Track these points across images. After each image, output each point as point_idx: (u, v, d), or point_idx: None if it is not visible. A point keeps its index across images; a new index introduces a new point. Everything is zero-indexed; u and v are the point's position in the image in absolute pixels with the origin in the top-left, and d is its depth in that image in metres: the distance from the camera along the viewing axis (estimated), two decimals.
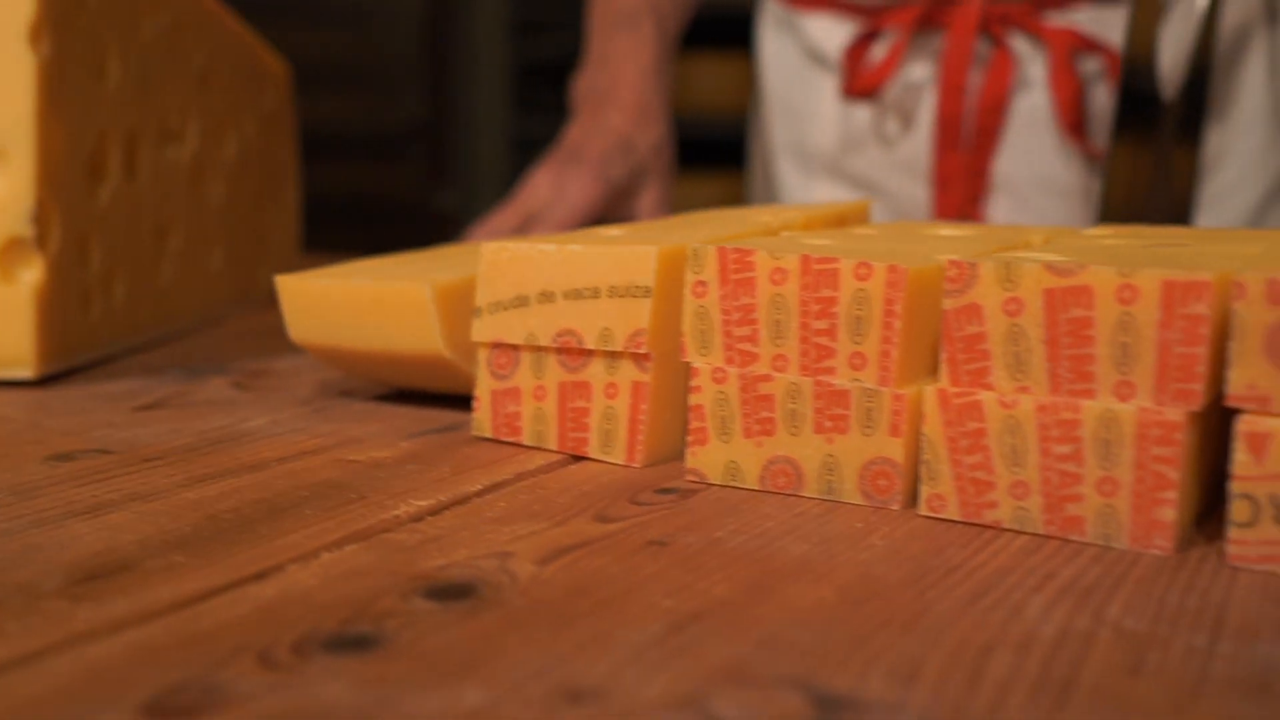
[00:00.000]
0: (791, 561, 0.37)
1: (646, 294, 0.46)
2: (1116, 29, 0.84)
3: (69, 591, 0.34)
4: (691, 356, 0.45)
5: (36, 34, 0.57)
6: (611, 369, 0.48)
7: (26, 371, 0.58)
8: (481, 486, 0.45)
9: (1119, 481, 0.39)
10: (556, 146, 0.89)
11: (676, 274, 0.47)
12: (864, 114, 0.91)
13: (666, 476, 0.46)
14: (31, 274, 0.58)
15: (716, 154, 2.10)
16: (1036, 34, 0.85)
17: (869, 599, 0.34)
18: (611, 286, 0.47)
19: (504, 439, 0.50)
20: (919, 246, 0.48)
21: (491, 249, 0.50)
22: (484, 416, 0.51)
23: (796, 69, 0.95)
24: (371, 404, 0.57)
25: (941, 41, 0.87)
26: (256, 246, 0.85)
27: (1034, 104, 0.86)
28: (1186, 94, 0.75)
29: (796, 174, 0.96)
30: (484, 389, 0.50)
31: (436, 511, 0.42)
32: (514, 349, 0.50)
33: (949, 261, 0.41)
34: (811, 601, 0.34)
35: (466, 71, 2.55)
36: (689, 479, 0.46)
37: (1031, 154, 0.87)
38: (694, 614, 0.33)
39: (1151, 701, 0.29)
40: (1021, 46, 0.86)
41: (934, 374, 0.44)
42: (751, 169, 1.04)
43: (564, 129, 0.90)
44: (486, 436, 0.51)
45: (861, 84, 0.88)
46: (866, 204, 0.61)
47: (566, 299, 0.48)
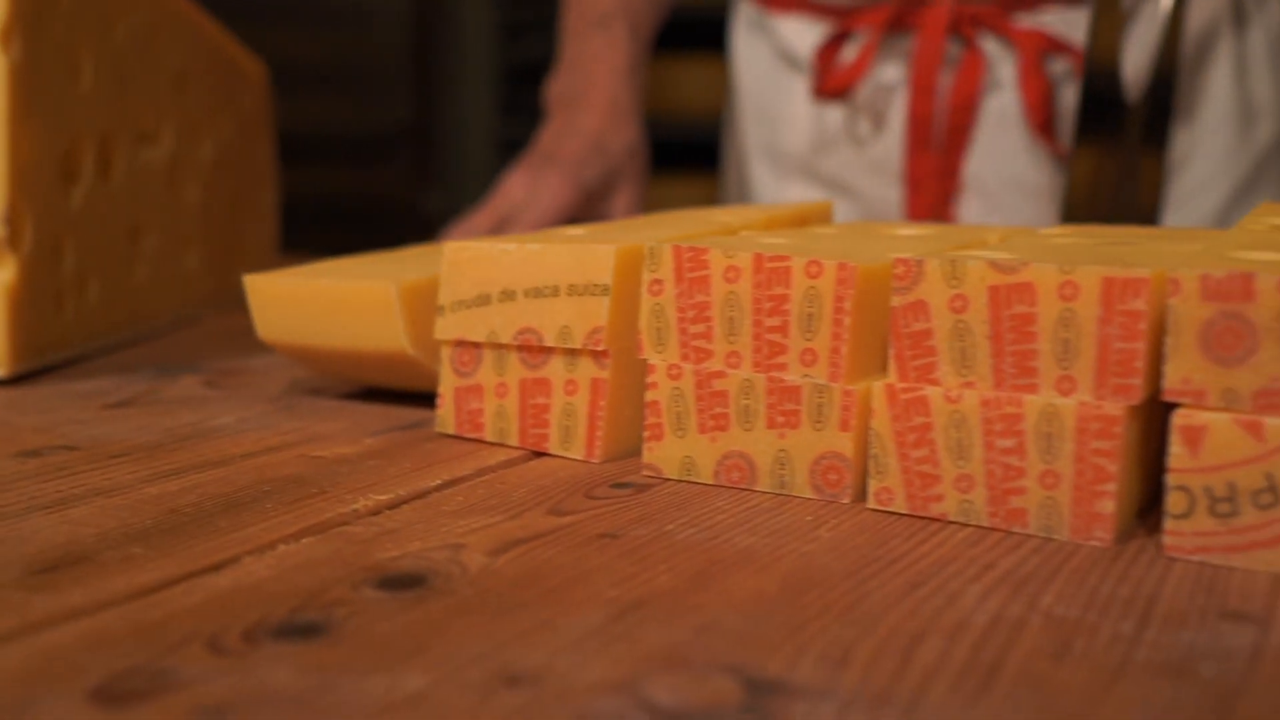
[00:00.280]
0: (737, 553, 0.38)
1: (605, 292, 0.47)
2: (1085, 30, 0.84)
3: (26, 582, 0.35)
4: (648, 353, 0.46)
5: (7, 36, 0.58)
6: (571, 366, 0.48)
7: None
8: (441, 481, 0.45)
9: (1060, 474, 0.40)
10: (531, 148, 0.90)
11: (634, 273, 0.48)
12: (836, 115, 0.92)
13: (624, 471, 0.47)
14: (4, 274, 0.59)
15: (701, 156, 2.11)
16: (1006, 35, 0.86)
17: (809, 588, 0.35)
18: (570, 285, 0.48)
19: (467, 435, 0.51)
20: (874, 246, 0.49)
21: (454, 248, 0.51)
22: (447, 413, 0.51)
23: (769, 70, 0.96)
24: (339, 401, 0.58)
25: (912, 43, 0.88)
26: (234, 248, 0.85)
27: (1004, 104, 0.87)
28: (1152, 96, 0.76)
29: (769, 175, 0.96)
30: (447, 386, 0.51)
31: (395, 505, 0.43)
32: (476, 347, 0.50)
33: (896, 259, 0.42)
34: (753, 591, 0.35)
35: (454, 74, 2.56)
36: (645, 474, 0.47)
37: (1002, 154, 0.88)
38: (636, 603, 0.34)
39: (1072, 685, 0.30)
40: (991, 47, 0.87)
41: (884, 370, 0.44)
42: (726, 170, 1.05)
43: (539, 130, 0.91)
44: (450, 433, 0.51)
45: (832, 85, 0.89)
46: (829, 204, 0.62)
47: (527, 297, 0.49)
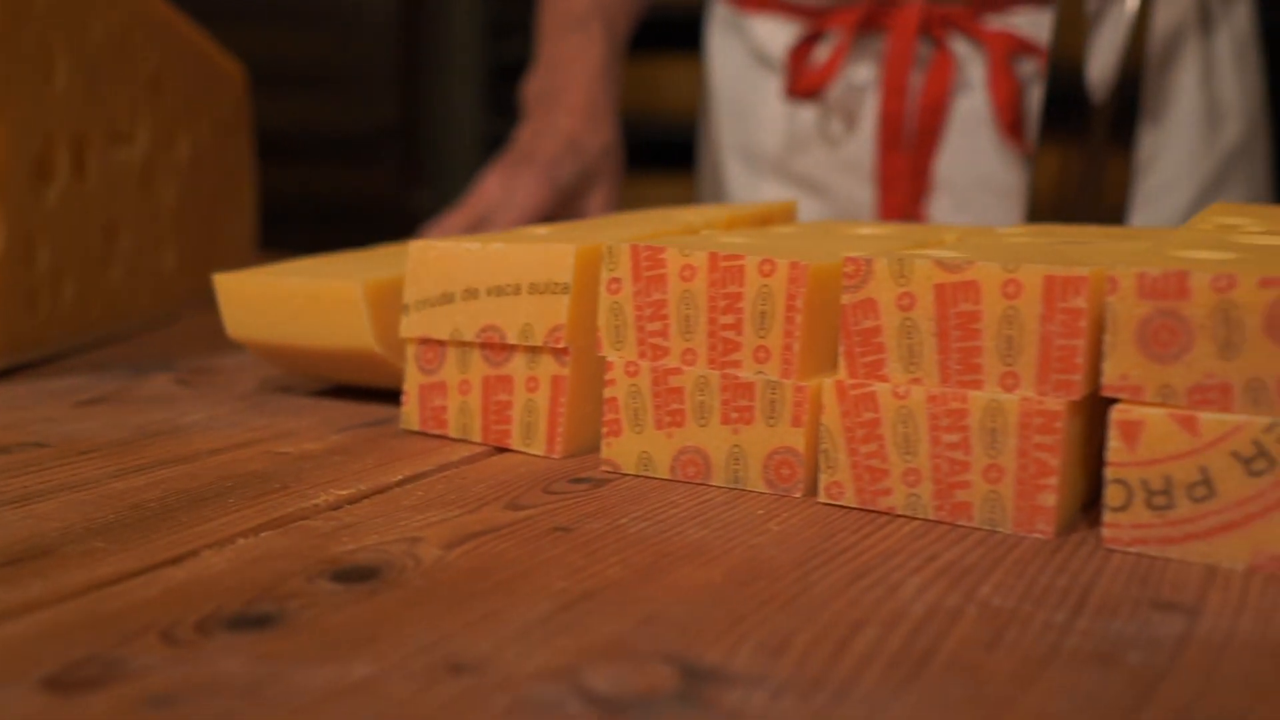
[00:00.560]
0: (687, 545, 0.39)
1: (565, 290, 0.48)
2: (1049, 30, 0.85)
3: None
4: (606, 351, 0.47)
5: None
6: (532, 363, 0.49)
7: None
8: (402, 477, 0.46)
9: (1004, 469, 0.41)
10: (507, 148, 0.91)
11: (594, 271, 0.48)
12: (809, 115, 0.93)
13: (584, 467, 0.48)
14: None
15: (683, 155, 2.11)
16: (976, 36, 0.87)
17: (754, 580, 0.36)
18: (532, 284, 0.49)
19: (431, 432, 0.52)
20: (831, 245, 0.49)
21: (418, 247, 0.51)
22: (412, 410, 0.52)
23: (743, 70, 0.97)
24: (308, 399, 0.58)
25: (883, 43, 0.89)
26: (211, 247, 0.86)
27: (973, 105, 0.88)
28: (1118, 96, 0.77)
29: (744, 174, 0.97)
30: (412, 383, 0.52)
31: (355, 500, 0.43)
32: (440, 344, 0.51)
33: (846, 258, 0.43)
34: (699, 582, 0.36)
35: (441, 73, 2.56)
36: (604, 469, 0.47)
37: (971, 154, 0.89)
38: (584, 594, 0.35)
39: (1001, 672, 0.30)
40: (961, 48, 0.88)
41: (835, 367, 0.45)
42: (701, 170, 1.06)
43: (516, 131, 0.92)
44: (415, 429, 0.52)
45: (805, 85, 0.90)
46: (793, 204, 0.63)
47: (489, 296, 0.50)
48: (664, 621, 0.33)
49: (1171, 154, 0.89)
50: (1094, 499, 0.43)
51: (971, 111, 0.89)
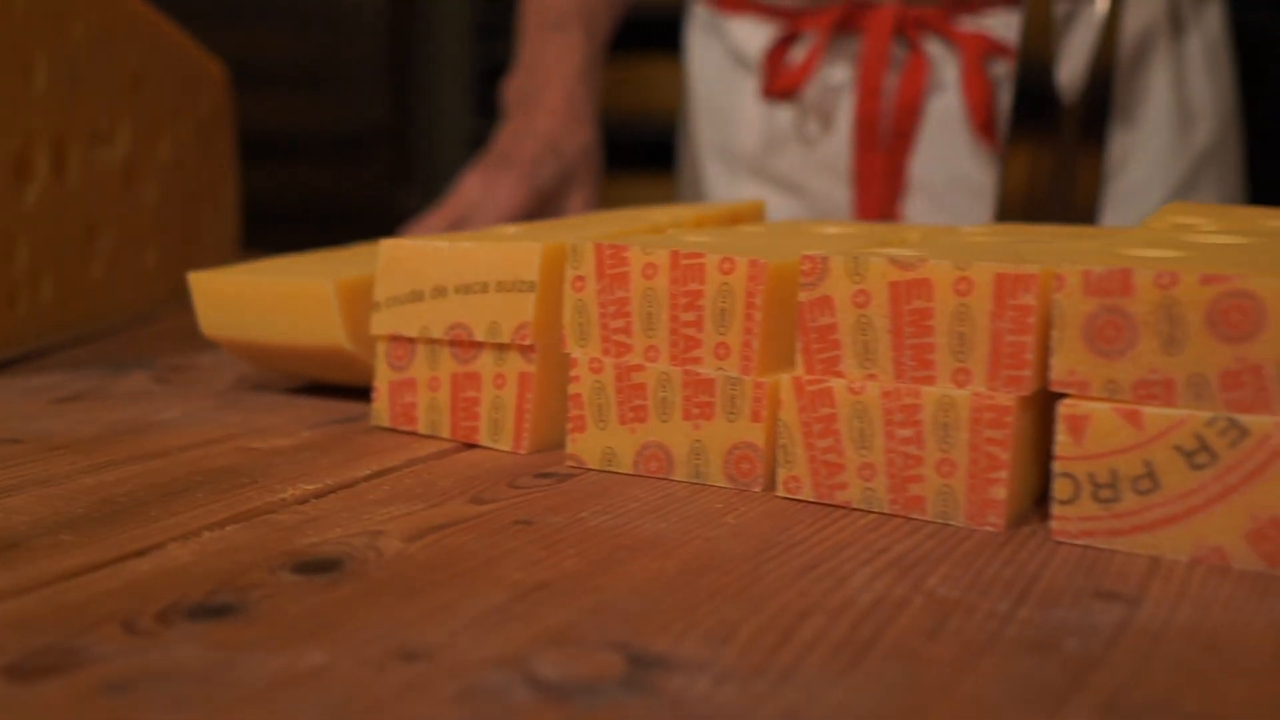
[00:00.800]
0: (645, 538, 0.40)
1: (531, 288, 0.49)
2: (1017, 30, 0.86)
3: None
4: (571, 348, 0.48)
5: None
6: (500, 360, 0.50)
7: None
8: (370, 472, 0.47)
9: (956, 463, 0.41)
10: (488, 149, 0.92)
11: (560, 270, 0.49)
12: (786, 115, 0.94)
13: (550, 462, 0.49)
14: None
15: (667, 156, 2.12)
16: (949, 38, 0.88)
17: (707, 571, 0.37)
18: (499, 282, 0.50)
19: (401, 428, 0.53)
20: (793, 244, 0.50)
21: (389, 246, 0.52)
22: (382, 407, 0.53)
23: (722, 71, 0.98)
24: (282, 396, 0.59)
25: (858, 45, 0.90)
26: (193, 247, 0.87)
27: (947, 105, 0.89)
28: (1088, 97, 0.78)
29: (722, 174, 0.98)
30: (382, 380, 0.53)
31: (322, 495, 0.44)
32: (410, 342, 0.52)
33: (803, 256, 0.43)
34: (653, 573, 0.37)
35: (429, 74, 2.57)
36: (569, 464, 0.48)
37: (946, 154, 0.90)
38: (539, 585, 0.36)
39: (940, 659, 0.31)
40: (935, 50, 0.89)
41: (794, 363, 0.46)
42: (681, 170, 1.06)
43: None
44: (385, 426, 0.53)
45: (781, 85, 0.91)
46: (761, 203, 0.63)
47: (458, 293, 0.50)
48: (614, 611, 0.34)
49: (1143, 155, 0.90)
50: (1046, 493, 0.44)
51: (945, 112, 0.89)
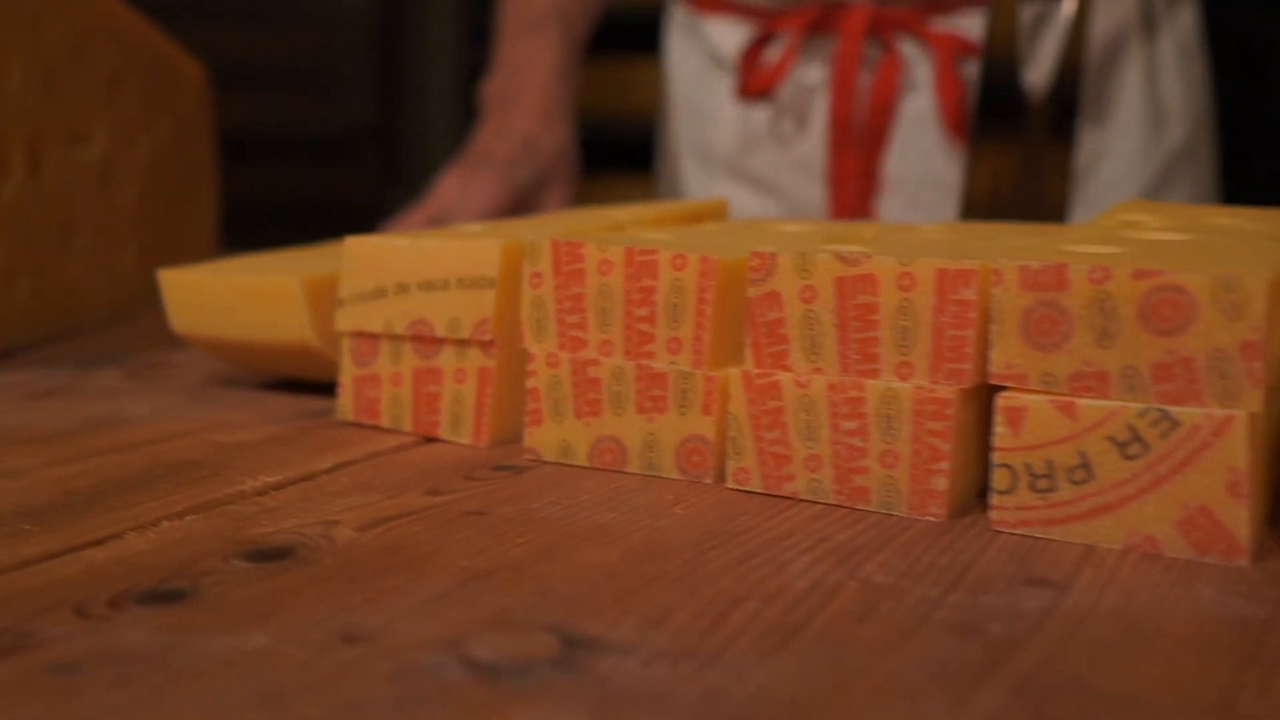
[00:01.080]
0: (593, 528, 0.41)
1: (491, 285, 0.50)
2: (982, 29, 0.87)
3: None
4: (529, 343, 0.49)
5: None
6: (460, 356, 0.51)
7: None
8: (331, 465, 0.48)
9: (899, 454, 0.42)
10: (466, 149, 0.92)
11: (519, 267, 0.50)
12: (762, 115, 0.95)
13: (508, 456, 0.50)
14: None
15: (650, 156, 2.13)
16: (922, 38, 0.89)
17: (649, 559, 0.38)
18: (460, 278, 0.50)
19: (365, 422, 0.53)
20: (749, 241, 0.51)
21: (353, 243, 0.53)
22: (346, 401, 0.54)
23: (699, 72, 0.99)
24: (251, 392, 0.60)
25: (832, 45, 0.91)
26: (172, 246, 0.88)
27: (920, 106, 0.90)
28: (1056, 97, 0.79)
29: (699, 174, 0.99)
30: (347, 375, 0.54)
31: (281, 486, 0.45)
32: (374, 338, 0.53)
33: (751, 253, 0.44)
34: (596, 562, 0.38)
35: (419, 75, 2.58)
36: (526, 457, 0.49)
37: (919, 153, 0.91)
38: (484, 572, 0.37)
39: (867, 642, 0.32)
40: (908, 50, 0.90)
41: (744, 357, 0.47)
42: (659, 170, 1.07)
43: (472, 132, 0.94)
44: (350, 420, 0.54)
45: (755, 85, 0.92)
46: (724, 202, 0.64)
47: (420, 290, 0.51)
48: (554, 596, 0.35)
49: (1116, 155, 0.91)
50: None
51: (918, 112, 0.90)
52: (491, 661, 0.31)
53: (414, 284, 0.51)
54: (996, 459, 0.41)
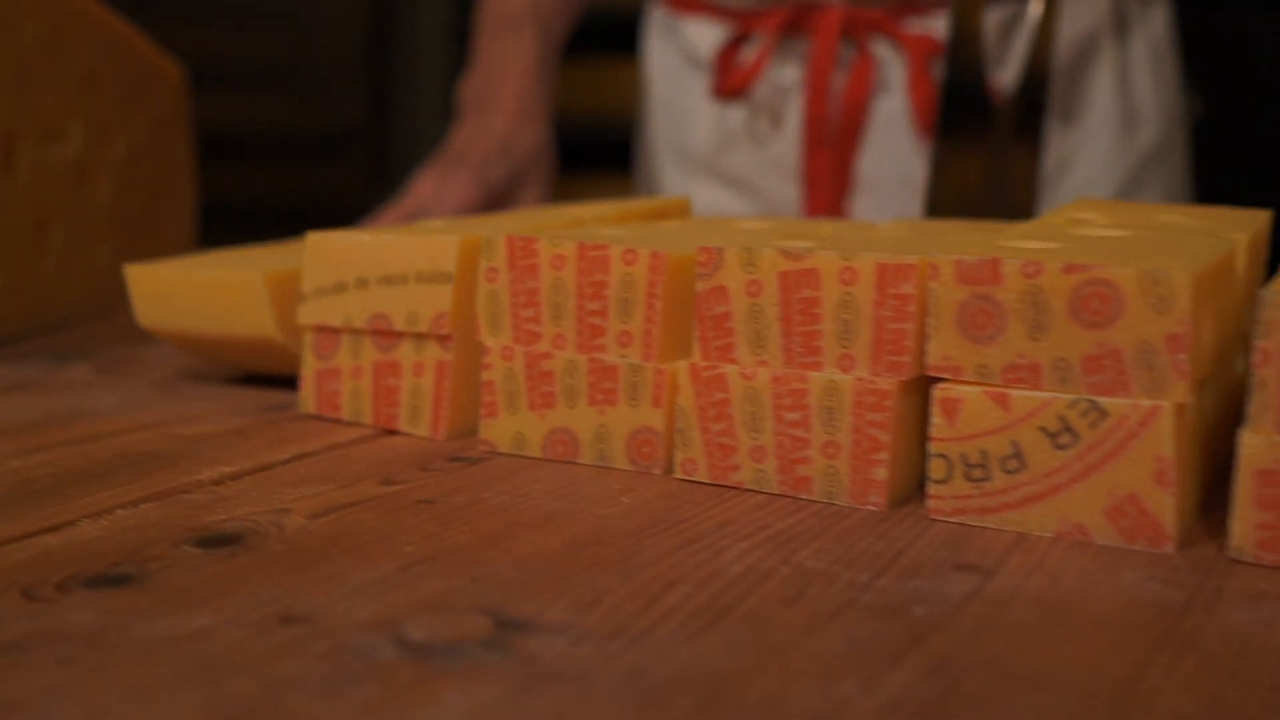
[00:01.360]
0: (539, 516, 0.42)
1: (448, 280, 0.51)
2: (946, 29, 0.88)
3: None
4: (485, 336, 0.50)
5: None
6: (419, 349, 0.52)
7: None
8: (289, 456, 0.49)
9: (840, 445, 0.43)
10: (441, 149, 0.93)
11: (477, 262, 0.51)
12: (738, 115, 0.96)
13: (464, 448, 0.50)
14: None
15: (629, 157, 2.14)
16: (896, 39, 0.90)
17: (590, 546, 0.39)
18: (418, 273, 0.51)
19: (326, 415, 0.54)
20: (704, 238, 0.52)
21: (315, 239, 0.54)
22: (308, 394, 0.55)
23: (676, 72, 1.00)
24: (218, 386, 0.61)
25: (807, 45, 0.92)
26: (149, 244, 0.88)
27: (893, 106, 0.91)
28: (1022, 98, 0.80)
29: (677, 173, 1.00)
30: (309, 369, 0.55)
31: (237, 476, 0.46)
32: (335, 331, 0.54)
33: (699, 248, 0.45)
34: (538, 548, 0.38)
35: (407, 74, 2.59)
36: (482, 449, 0.50)
37: (892, 153, 0.91)
38: (427, 557, 0.37)
39: (792, 623, 0.33)
40: (882, 51, 0.91)
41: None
42: (637, 170, 1.08)
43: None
44: (311, 413, 0.55)
45: (731, 85, 0.93)
46: (686, 200, 0.65)
47: (380, 285, 0.52)
48: (492, 581, 0.36)
49: (1087, 157, 0.92)
50: None
51: (892, 112, 0.91)
52: (424, 641, 0.31)
53: (374, 279, 0.52)
54: (933, 449, 0.42)
